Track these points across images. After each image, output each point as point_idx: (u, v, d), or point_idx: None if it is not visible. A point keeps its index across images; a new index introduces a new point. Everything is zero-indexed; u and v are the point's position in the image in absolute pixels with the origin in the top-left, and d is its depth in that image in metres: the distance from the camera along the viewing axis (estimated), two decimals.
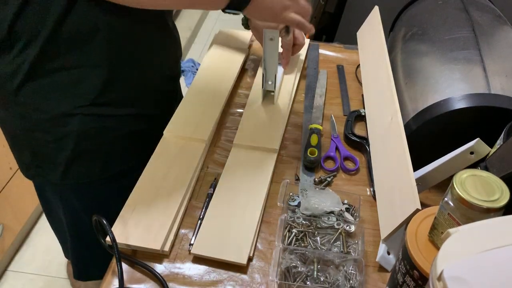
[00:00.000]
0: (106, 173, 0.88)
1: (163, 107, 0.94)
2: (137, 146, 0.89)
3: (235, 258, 0.66)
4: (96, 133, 0.82)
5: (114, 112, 0.82)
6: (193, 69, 2.65)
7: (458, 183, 0.49)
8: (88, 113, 0.79)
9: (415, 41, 0.92)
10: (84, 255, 1.03)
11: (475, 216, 0.48)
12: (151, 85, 0.88)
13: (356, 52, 1.09)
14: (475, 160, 0.65)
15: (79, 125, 0.80)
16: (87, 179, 0.88)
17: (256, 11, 0.74)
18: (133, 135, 0.88)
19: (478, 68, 0.75)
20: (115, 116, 0.83)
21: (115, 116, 0.83)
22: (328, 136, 0.89)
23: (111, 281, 0.65)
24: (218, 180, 0.78)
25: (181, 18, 3.04)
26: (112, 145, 0.86)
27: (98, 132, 0.82)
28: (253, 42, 1.13)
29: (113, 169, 0.89)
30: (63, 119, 0.79)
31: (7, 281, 1.63)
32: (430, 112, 0.73)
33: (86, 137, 0.82)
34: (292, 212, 0.73)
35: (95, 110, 0.80)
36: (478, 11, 0.91)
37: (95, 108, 0.80)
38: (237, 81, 1.00)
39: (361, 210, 0.74)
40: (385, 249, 0.67)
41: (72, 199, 0.92)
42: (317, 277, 0.64)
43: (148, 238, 0.68)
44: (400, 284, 0.55)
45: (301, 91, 1.00)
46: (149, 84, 0.88)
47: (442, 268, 0.37)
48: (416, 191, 0.63)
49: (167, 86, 0.97)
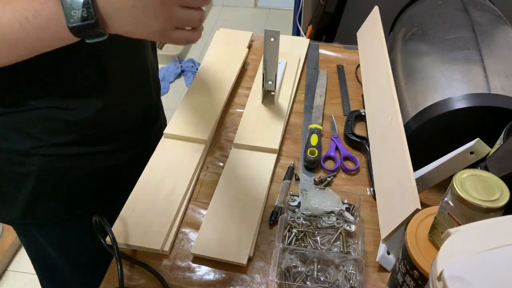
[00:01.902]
0: (73, 213, 0.81)
1: (135, 142, 0.86)
2: (106, 184, 0.83)
3: (235, 258, 0.66)
4: (59, 173, 0.76)
5: (78, 151, 0.76)
6: (193, 69, 2.65)
7: (458, 183, 0.49)
8: (47, 153, 0.74)
9: (415, 41, 0.92)
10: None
11: (475, 216, 0.48)
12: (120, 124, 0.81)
13: (356, 52, 1.09)
14: (475, 160, 0.65)
15: (38, 165, 0.74)
16: (51, 219, 0.81)
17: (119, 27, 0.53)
18: (101, 173, 0.81)
19: (478, 68, 0.75)
20: (79, 155, 0.76)
21: (79, 155, 0.76)
22: (328, 136, 0.89)
23: (111, 281, 0.65)
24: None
25: None
26: (77, 184, 0.79)
27: (61, 172, 0.76)
28: (253, 42, 1.13)
29: (80, 208, 0.81)
30: (20, 159, 0.73)
31: (7, 281, 1.63)
32: (430, 112, 0.73)
33: (47, 177, 0.76)
34: (292, 212, 0.73)
35: (55, 151, 0.74)
36: (478, 11, 0.91)
37: (55, 149, 0.74)
38: (237, 81, 1.00)
39: (361, 210, 0.74)
40: (385, 249, 0.67)
41: (36, 236, 0.85)
42: (317, 277, 0.64)
43: (148, 238, 0.68)
44: (400, 284, 0.55)
45: (301, 91, 1.00)
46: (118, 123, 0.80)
47: (442, 268, 0.37)
48: (416, 191, 0.63)
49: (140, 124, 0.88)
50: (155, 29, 0.53)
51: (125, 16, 0.51)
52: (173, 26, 0.54)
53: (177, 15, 0.53)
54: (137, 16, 0.51)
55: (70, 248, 0.86)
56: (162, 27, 0.53)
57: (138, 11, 0.51)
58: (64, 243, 0.76)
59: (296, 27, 1.70)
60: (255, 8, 3.41)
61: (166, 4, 0.51)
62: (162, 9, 0.51)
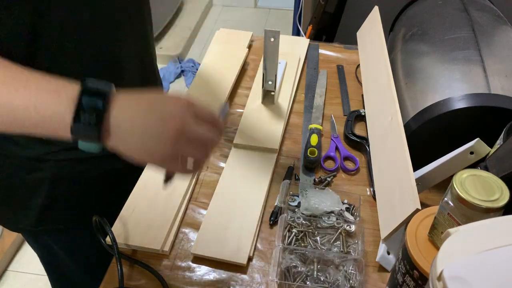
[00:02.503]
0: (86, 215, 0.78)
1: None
2: (115, 187, 0.82)
3: (235, 258, 0.66)
4: (71, 177, 0.76)
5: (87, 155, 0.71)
6: (193, 69, 2.65)
7: (458, 183, 0.49)
8: (59, 158, 0.74)
9: (415, 41, 0.92)
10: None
11: (475, 216, 0.48)
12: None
13: (356, 52, 1.09)
14: (475, 160, 0.65)
15: (52, 170, 0.74)
16: (63, 225, 0.82)
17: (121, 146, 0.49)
18: (110, 175, 0.81)
19: (478, 68, 0.75)
20: (89, 158, 0.74)
21: (89, 159, 0.75)
22: (328, 136, 0.89)
23: (111, 281, 0.65)
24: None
25: (181, 18, 3.04)
26: (88, 188, 0.79)
27: (73, 176, 0.76)
28: (253, 42, 1.13)
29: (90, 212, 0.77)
30: (34, 165, 0.74)
31: (7, 281, 1.63)
32: (430, 112, 0.73)
33: (61, 182, 0.76)
34: (292, 212, 0.73)
35: (67, 155, 0.74)
36: (478, 11, 0.91)
37: (66, 153, 0.74)
38: (237, 81, 1.00)
39: (361, 210, 0.74)
40: (385, 249, 0.67)
41: (50, 244, 0.86)
42: (317, 277, 0.64)
43: (148, 238, 0.68)
44: (400, 284, 0.55)
45: (301, 91, 1.00)
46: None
47: (442, 268, 0.37)
48: (416, 191, 0.63)
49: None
50: (160, 155, 0.49)
51: (131, 136, 0.48)
52: (180, 154, 0.50)
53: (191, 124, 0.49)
54: (144, 142, 0.48)
55: (82, 252, 0.87)
56: (168, 154, 0.49)
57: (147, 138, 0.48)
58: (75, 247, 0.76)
59: (296, 27, 1.70)
60: (255, 8, 3.40)
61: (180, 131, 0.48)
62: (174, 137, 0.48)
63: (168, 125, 0.47)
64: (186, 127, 0.48)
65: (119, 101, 0.48)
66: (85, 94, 0.47)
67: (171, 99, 0.50)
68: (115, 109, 0.47)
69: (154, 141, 0.48)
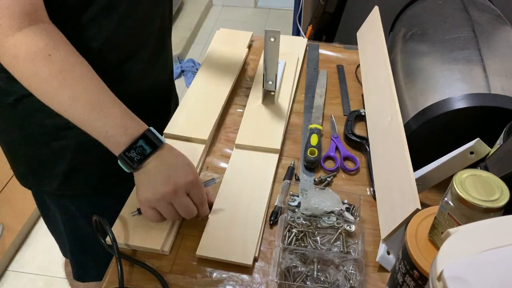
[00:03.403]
0: (103, 182, 0.88)
1: (158, 110, 0.95)
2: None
3: (241, 259, 0.66)
4: (92, 145, 0.79)
5: None
6: (193, 69, 2.65)
7: (458, 183, 0.49)
8: None
9: (415, 41, 0.92)
10: (84, 258, 1.03)
11: (475, 216, 0.48)
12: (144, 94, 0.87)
13: (356, 52, 1.09)
14: (475, 160, 0.65)
15: (76, 138, 0.80)
16: (85, 189, 0.88)
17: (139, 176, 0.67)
18: None
19: (478, 68, 0.75)
20: None
21: None
22: (328, 136, 0.89)
23: (111, 281, 0.65)
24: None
25: (181, 18, 3.04)
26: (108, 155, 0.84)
27: (95, 144, 0.80)
28: (253, 42, 1.13)
29: (110, 178, 0.88)
30: (60, 133, 0.79)
31: (7, 281, 1.63)
32: (430, 112, 0.73)
33: (83, 150, 0.82)
34: (292, 212, 0.73)
35: None
36: (478, 11, 0.91)
37: None
38: (237, 81, 1.00)
39: (361, 210, 0.74)
40: (385, 249, 0.67)
41: (70, 207, 0.92)
42: (317, 277, 0.64)
43: (148, 238, 0.68)
44: (400, 284, 0.55)
45: (301, 91, 1.00)
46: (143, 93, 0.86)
47: (442, 268, 0.37)
48: (416, 191, 0.63)
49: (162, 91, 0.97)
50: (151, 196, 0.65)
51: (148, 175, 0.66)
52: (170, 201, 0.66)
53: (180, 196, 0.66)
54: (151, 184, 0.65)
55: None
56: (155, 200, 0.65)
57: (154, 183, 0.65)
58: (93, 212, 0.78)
59: (296, 27, 1.70)
60: (255, 8, 3.41)
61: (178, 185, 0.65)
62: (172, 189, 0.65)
63: (170, 184, 0.65)
64: (178, 194, 0.65)
65: (164, 152, 0.66)
66: (143, 139, 0.65)
67: (185, 173, 0.66)
68: (153, 158, 0.65)
69: (149, 188, 0.65)
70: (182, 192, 0.66)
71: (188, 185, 0.66)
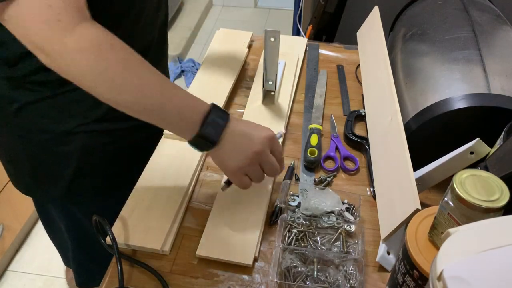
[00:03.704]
0: (109, 185, 0.88)
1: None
2: (137, 156, 0.87)
3: (241, 259, 0.66)
4: (98, 149, 0.82)
5: (114, 126, 0.82)
6: (193, 69, 2.65)
7: (458, 183, 0.49)
8: (89, 130, 0.79)
9: (415, 41, 0.92)
10: (87, 263, 1.03)
11: (475, 216, 0.48)
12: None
13: (356, 52, 1.09)
14: (475, 160, 0.65)
15: (82, 143, 0.80)
16: (90, 193, 0.88)
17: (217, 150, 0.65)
18: (133, 146, 0.87)
19: (478, 68, 0.75)
20: (115, 130, 0.82)
21: (115, 130, 0.82)
22: (328, 136, 0.89)
23: (111, 281, 0.65)
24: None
25: (181, 18, 3.04)
26: (113, 158, 0.86)
27: (100, 147, 0.82)
28: (253, 42, 1.13)
29: (115, 181, 0.88)
30: (65, 138, 0.79)
31: (7, 281, 1.63)
32: (430, 112, 0.73)
33: (89, 154, 0.82)
34: (292, 212, 0.73)
35: (96, 127, 0.80)
36: (478, 11, 0.91)
37: (96, 125, 0.79)
38: (237, 81, 1.00)
39: (361, 210, 0.74)
40: (385, 249, 0.67)
41: (74, 211, 0.92)
42: (317, 277, 0.64)
43: (148, 238, 0.68)
44: (400, 284, 0.55)
45: (301, 91, 1.00)
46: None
47: (442, 268, 0.37)
48: (416, 191, 0.63)
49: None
50: (236, 166, 0.65)
51: (226, 146, 0.64)
52: (259, 162, 0.66)
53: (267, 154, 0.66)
54: (232, 154, 0.65)
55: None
56: (241, 167, 0.65)
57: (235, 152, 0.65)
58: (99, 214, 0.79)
59: (296, 27, 1.70)
60: (255, 8, 3.40)
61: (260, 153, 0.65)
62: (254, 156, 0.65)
63: (252, 148, 0.65)
64: (262, 154, 0.65)
65: (232, 122, 0.65)
66: (213, 113, 0.63)
67: (263, 130, 0.67)
68: (227, 128, 0.64)
69: (238, 155, 0.65)
70: (267, 149, 0.66)
71: (271, 140, 0.66)
